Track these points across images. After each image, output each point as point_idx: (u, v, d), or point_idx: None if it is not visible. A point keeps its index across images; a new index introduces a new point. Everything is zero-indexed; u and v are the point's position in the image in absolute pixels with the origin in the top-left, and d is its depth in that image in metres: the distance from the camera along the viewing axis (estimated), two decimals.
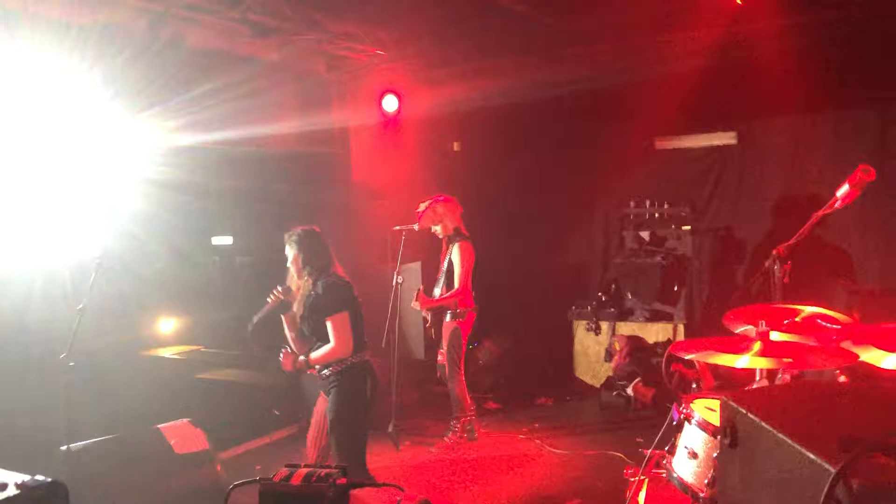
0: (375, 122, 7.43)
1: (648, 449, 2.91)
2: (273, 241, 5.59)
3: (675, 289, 7.50)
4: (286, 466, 1.90)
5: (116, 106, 5.32)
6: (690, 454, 2.50)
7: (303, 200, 7.31)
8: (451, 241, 5.94)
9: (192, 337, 8.51)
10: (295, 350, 4.41)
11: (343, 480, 1.85)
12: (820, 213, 3.23)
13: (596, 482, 5.23)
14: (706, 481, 2.45)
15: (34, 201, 5.00)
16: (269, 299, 4.35)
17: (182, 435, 5.08)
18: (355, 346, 4.14)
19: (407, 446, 6.05)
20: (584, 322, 7.70)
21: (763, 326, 2.52)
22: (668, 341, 7.28)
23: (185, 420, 5.22)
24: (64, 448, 4.31)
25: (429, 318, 6.07)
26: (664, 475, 2.69)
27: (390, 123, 7.48)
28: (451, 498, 5.03)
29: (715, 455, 2.42)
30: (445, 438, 5.99)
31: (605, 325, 7.61)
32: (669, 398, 5.78)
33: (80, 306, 4.36)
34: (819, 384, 1.71)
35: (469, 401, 6.04)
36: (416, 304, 5.88)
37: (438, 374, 6.21)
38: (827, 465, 0.98)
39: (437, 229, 6.00)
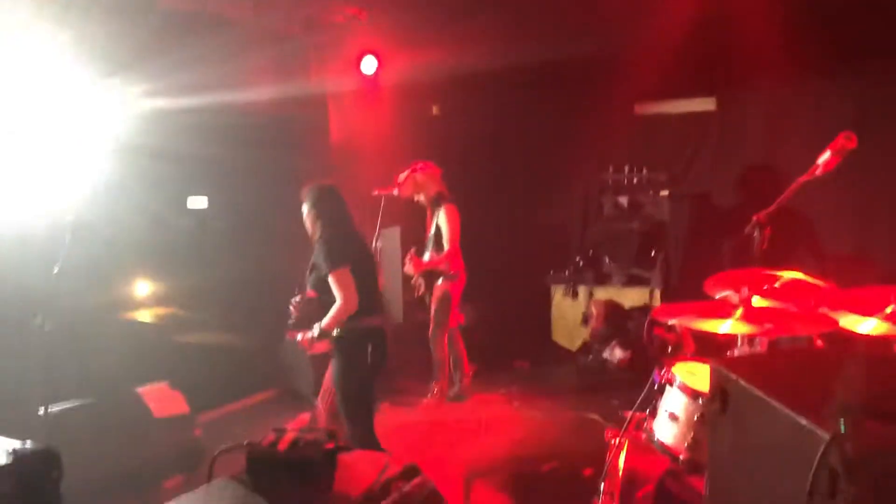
0: (354, 85, 7.34)
1: (628, 411, 2.95)
2: (248, 204, 5.56)
3: (653, 254, 7.55)
4: (273, 431, 1.90)
5: (88, 69, 5.21)
6: (671, 417, 2.54)
7: (280, 164, 7.23)
8: (435, 205, 5.96)
9: (168, 300, 8.45)
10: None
11: (330, 445, 1.86)
12: (801, 179, 3.26)
13: (573, 444, 5.31)
14: (686, 444, 2.49)
15: (5, 166, 4.90)
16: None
17: (161, 398, 5.09)
18: (359, 307, 3.98)
19: (386, 408, 6.09)
20: (562, 287, 7.75)
21: (745, 292, 2.55)
22: (645, 306, 7.36)
23: (163, 383, 5.22)
24: (41, 412, 4.29)
25: (422, 283, 6.09)
26: (644, 437, 2.73)
27: (369, 86, 7.40)
28: (429, 459, 5.09)
29: (695, 418, 2.46)
30: (425, 401, 6.05)
31: (582, 290, 7.67)
32: (645, 362, 5.85)
33: (55, 270, 4.31)
34: (805, 351, 1.74)
35: (466, 364, 6.19)
36: (409, 268, 5.89)
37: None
38: (820, 432, 0.99)
39: (420, 197, 6.02)
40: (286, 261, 5.81)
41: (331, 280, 3.99)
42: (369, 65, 7.25)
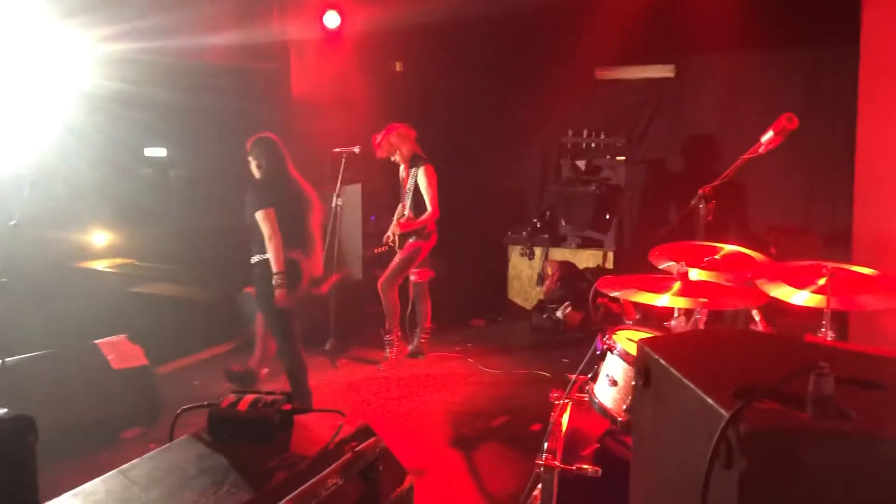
0: (317, 39, 7.28)
1: (573, 374, 3.10)
2: (209, 155, 5.56)
3: (607, 217, 7.73)
4: (232, 392, 2.00)
5: (47, 12, 5.10)
6: (611, 382, 2.70)
7: (240, 116, 7.18)
8: (412, 164, 6.06)
9: (125, 250, 8.40)
10: None
11: (288, 406, 1.96)
12: (745, 156, 3.39)
13: (524, 400, 5.49)
14: (624, 407, 2.66)
15: None
16: None
17: (119, 350, 5.11)
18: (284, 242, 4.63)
19: (343, 364, 6.22)
20: (519, 247, 7.90)
21: (683, 267, 2.70)
22: (599, 267, 7.55)
23: (122, 336, 5.24)
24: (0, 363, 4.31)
25: (394, 238, 6.17)
26: (586, 399, 2.89)
27: (332, 40, 7.35)
28: (385, 414, 5.23)
29: (633, 384, 2.62)
30: (383, 361, 6.18)
31: (538, 251, 7.82)
32: (596, 322, 6.06)
33: (13, 222, 4.29)
34: (730, 332, 1.87)
35: (429, 319, 6.37)
36: (395, 228, 6.03)
37: (412, 296, 6.41)
38: (721, 410, 1.12)
39: (396, 157, 6.11)
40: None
41: (258, 218, 4.62)
42: (332, 19, 7.19)
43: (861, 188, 5.03)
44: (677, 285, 2.62)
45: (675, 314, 2.72)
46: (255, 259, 4.78)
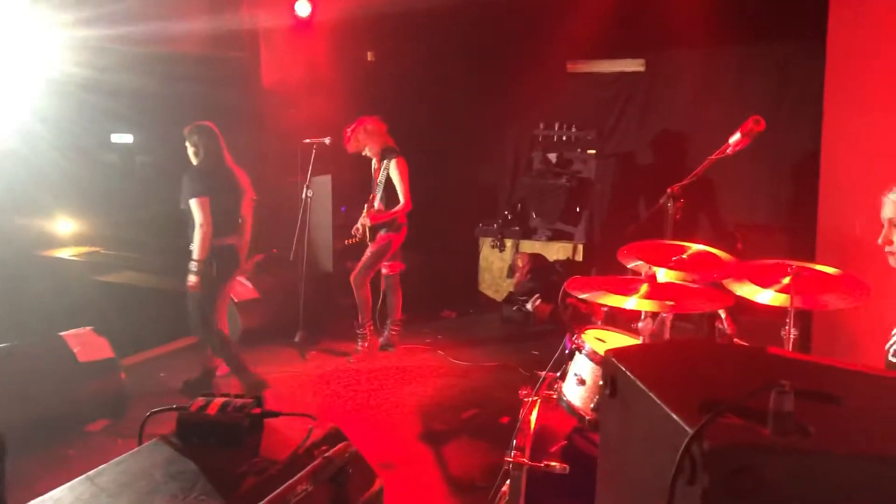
0: (287, 26, 7.21)
1: (542, 371, 3.13)
2: (177, 142, 5.50)
3: (578, 210, 7.79)
4: (202, 396, 1.99)
5: None
6: (579, 381, 2.74)
7: (209, 104, 7.09)
8: (384, 156, 6.03)
9: (91, 238, 8.29)
10: None
11: (257, 410, 1.96)
12: (712, 157, 3.44)
13: (493, 393, 5.54)
14: (592, 405, 2.70)
15: None
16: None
17: (85, 342, 5.05)
18: (214, 229, 4.78)
19: (313, 356, 6.21)
20: (490, 239, 7.93)
21: (650, 270, 2.73)
22: (568, 260, 7.61)
23: (88, 328, 5.18)
24: None
25: (364, 230, 6.14)
26: (555, 397, 2.92)
27: (303, 29, 7.28)
28: (355, 407, 5.24)
29: (601, 383, 2.65)
30: (354, 354, 6.18)
31: (509, 243, 7.86)
32: (565, 321, 6.12)
33: None
34: (696, 343, 1.90)
35: (399, 311, 6.37)
36: (365, 220, 5.99)
37: (383, 288, 6.41)
38: (685, 426, 1.14)
39: (367, 151, 6.08)
40: None
41: (191, 205, 4.75)
42: (303, 7, 7.13)
43: (826, 186, 5.11)
44: (645, 288, 2.66)
45: (643, 315, 2.76)
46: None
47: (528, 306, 7.16)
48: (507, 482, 2.76)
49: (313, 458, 1.80)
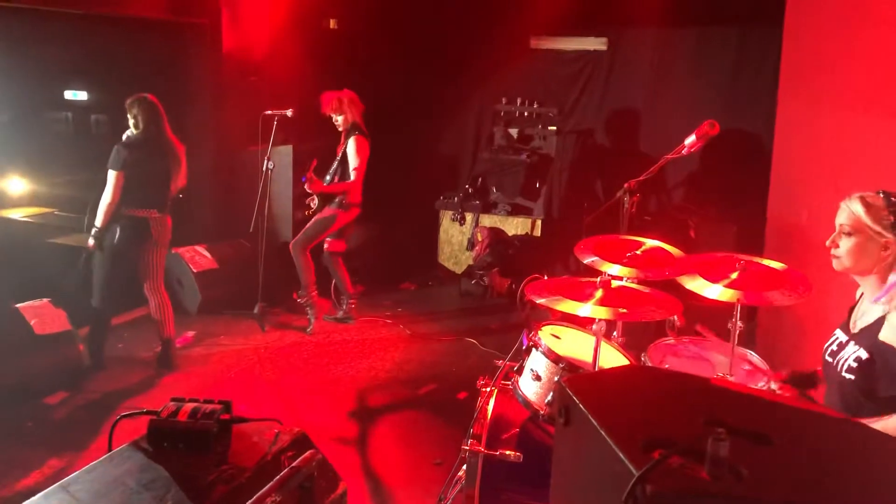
0: None
1: (501, 361, 3.24)
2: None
3: (537, 186, 7.89)
4: (172, 401, 2.05)
5: None
6: (535, 376, 2.85)
7: (168, 69, 6.98)
8: (348, 133, 6.02)
9: (44, 199, 8.12)
10: None
11: (226, 416, 2.03)
12: (668, 156, 3.55)
13: (451, 367, 5.67)
14: (546, 400, 2.82)
15: None
16: None
17: (42, 315, 5.04)
18: (123, 202, 4.97)
19: (272, 329, 6.25)
20: (451, 212, 7.99)
21: (605, 276, 2.84)
22: (527, 235, 7.73)
23: (45, 300, 5.16)
24: None
25: (314, 204, 6.15)
26: (511, 390, 3.04)
27: None
28: (315, 381, 5.32)
29: (556, 379, 2.77)
30: (309, 321, 6.23)
31: (469, 216, 7.93)
32: (523, 318, 6.23)
33: None
34: (646, 372, 2.00)
35: (350, 286, 6.39)
36: (307, 186, 5.98)
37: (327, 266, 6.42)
38: (631, 467, 1.24)
39: (339, 120, 6.06)
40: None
41: (108, 175, 4.96)
42: None
43: (777, 179, 5.25)
44: (599, 293, 2.77)
45: (596, 320, 2.86)
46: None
47: (486, 280, 7.29)
48: (464, 468, 2.89)
49: (281, 464, 1.89)
